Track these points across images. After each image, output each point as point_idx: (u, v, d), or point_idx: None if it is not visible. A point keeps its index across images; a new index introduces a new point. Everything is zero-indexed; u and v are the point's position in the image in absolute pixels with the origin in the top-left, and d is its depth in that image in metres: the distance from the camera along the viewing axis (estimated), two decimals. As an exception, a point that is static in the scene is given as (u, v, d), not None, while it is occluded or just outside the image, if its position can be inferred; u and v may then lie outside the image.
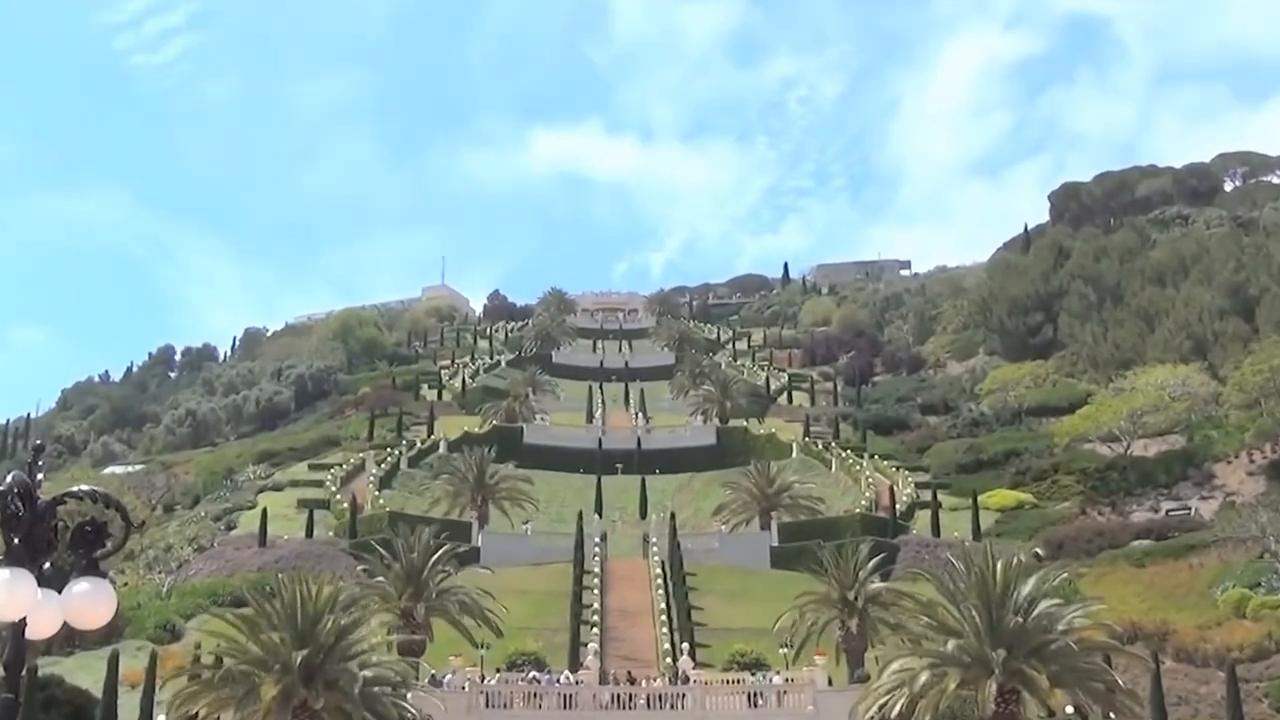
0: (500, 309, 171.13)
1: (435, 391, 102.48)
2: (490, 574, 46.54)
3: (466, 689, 35.86)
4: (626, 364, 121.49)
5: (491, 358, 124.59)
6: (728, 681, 38.66)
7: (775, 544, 58.34)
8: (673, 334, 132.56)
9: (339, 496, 65.72)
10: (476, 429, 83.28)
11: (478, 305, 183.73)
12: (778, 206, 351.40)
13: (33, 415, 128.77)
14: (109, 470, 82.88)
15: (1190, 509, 59.21)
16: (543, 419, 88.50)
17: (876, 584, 40.06)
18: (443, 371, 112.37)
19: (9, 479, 7.11)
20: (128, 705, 33.57)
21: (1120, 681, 26.96)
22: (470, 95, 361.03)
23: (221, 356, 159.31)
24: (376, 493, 66.47)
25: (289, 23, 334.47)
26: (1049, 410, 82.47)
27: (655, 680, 38.63)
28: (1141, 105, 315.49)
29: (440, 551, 41.02)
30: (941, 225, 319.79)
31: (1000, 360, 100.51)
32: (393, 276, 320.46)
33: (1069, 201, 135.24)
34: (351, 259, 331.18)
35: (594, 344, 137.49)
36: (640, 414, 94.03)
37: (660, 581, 51.68)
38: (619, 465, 79.91)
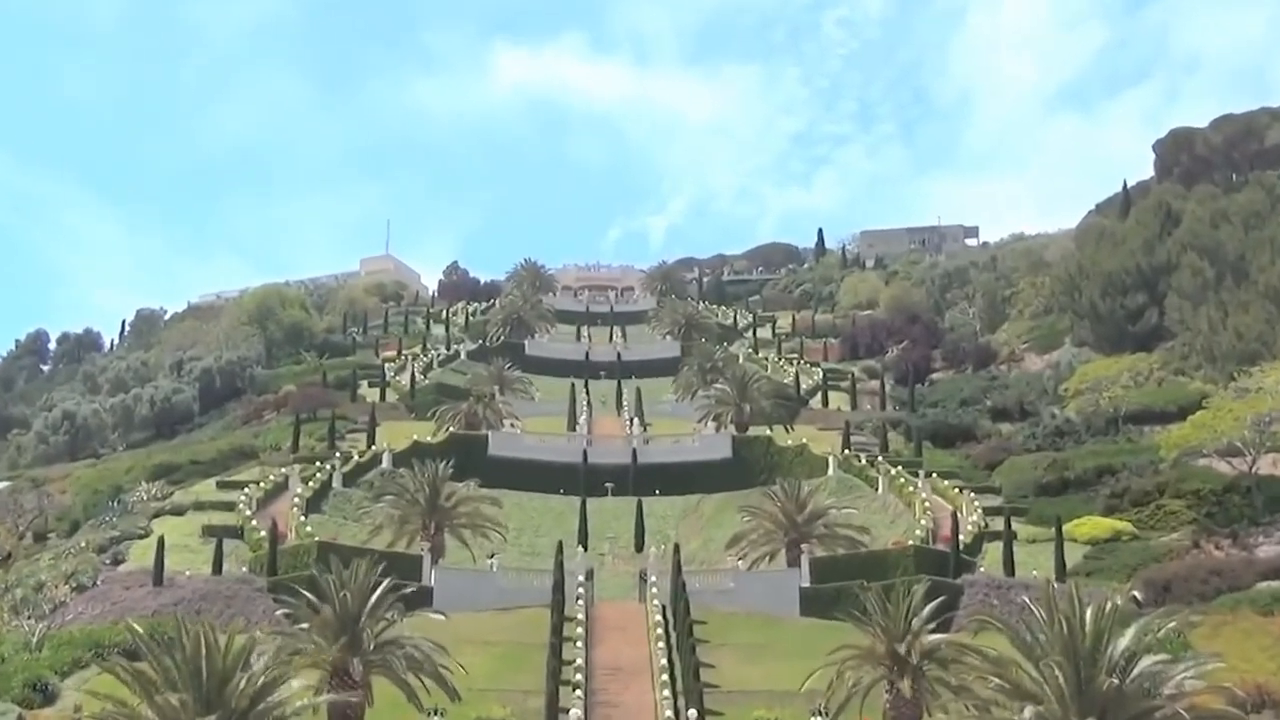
0: (459, 286, 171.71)
1: (377, 390, 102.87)
2: (445, 620, 46.56)
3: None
4: (619, 356, 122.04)
5: (448, 348, 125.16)
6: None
7: (806, 585, 58.37)
8: (677, 318, 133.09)
9: (255, 523, 65.71)
10: (429, 438, 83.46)
11: (431, 281, 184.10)
12: (810, 157, 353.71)
13: None
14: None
15: (1332, 542, 59.40)
16: (513, 425, 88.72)
17: (934, 636, 40.04)
18: (387, 365, 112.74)
19: None
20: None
21: (1243, 760, 27.05)
22: (416, 5, 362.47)
23: (107, 345, 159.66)
24: (302, 518, 66.46)
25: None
26: (1153, 417, 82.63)
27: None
28: (1278, 17, 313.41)
29: (382, 592, 40.99)
30: (1017, 180, 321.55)
31: (1091, 353, 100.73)
32: (323, 245, 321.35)
33: (1179, 152, 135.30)
34: (270, 223, 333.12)
35: (578, 331, 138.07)
36: (636, 419, 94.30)
37: (661, 632, 51.71)
38: (609, 484, 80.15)
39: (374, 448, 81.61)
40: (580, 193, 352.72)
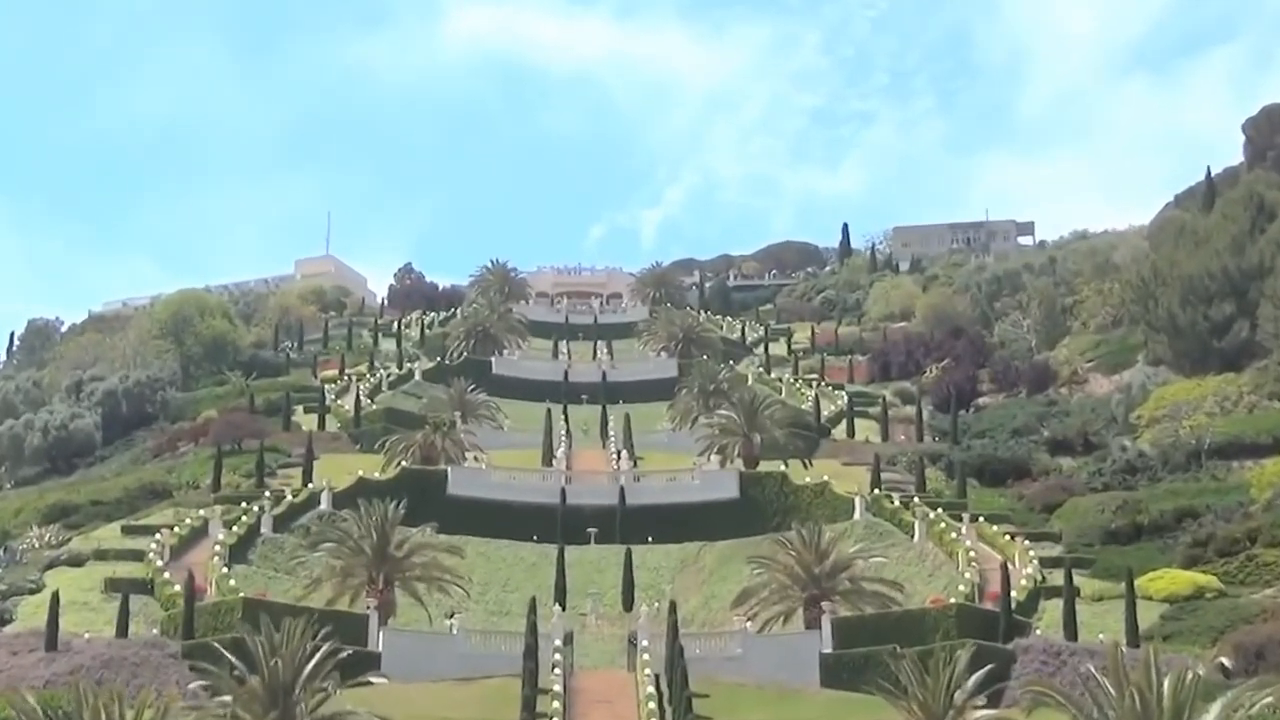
0: (414, 293, 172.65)
1: (315, 417, 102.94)
2: (394, 689, 46.49)
3: None
4: (604, 376, 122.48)
5: (400, 366, 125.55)
6: None
7: (828, 650, 58.33)
8: (674, 331, 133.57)
9: (168, 576, 65.58)
10: (377, 474, 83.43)
11: (380, 287, 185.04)
12: (833, 138, 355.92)
13: None
14: None
15: None
16: (478, 459, 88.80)
17: (981, 712, 40.11)
18: (327, 387, 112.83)
19: None
20: None
21: None
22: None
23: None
24: (225, 570, 66.35)
25: None
26: (1243, 449, 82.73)
27: None
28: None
29: (320, 658, 40.92)
30: (1079, 163, 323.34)
31: (1169, 374, 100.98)
32: (251, 244, 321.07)
33: (1274, 132, 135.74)
34: (188, 217, 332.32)
35: (555, 346, 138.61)
36: (624, 452, 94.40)
37: (654, 706, 51.62)
38: (592, 530, 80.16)
39: (311, 486, 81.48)
40: (557, 179, 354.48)
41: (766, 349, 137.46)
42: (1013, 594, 60.99)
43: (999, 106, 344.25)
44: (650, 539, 79.01)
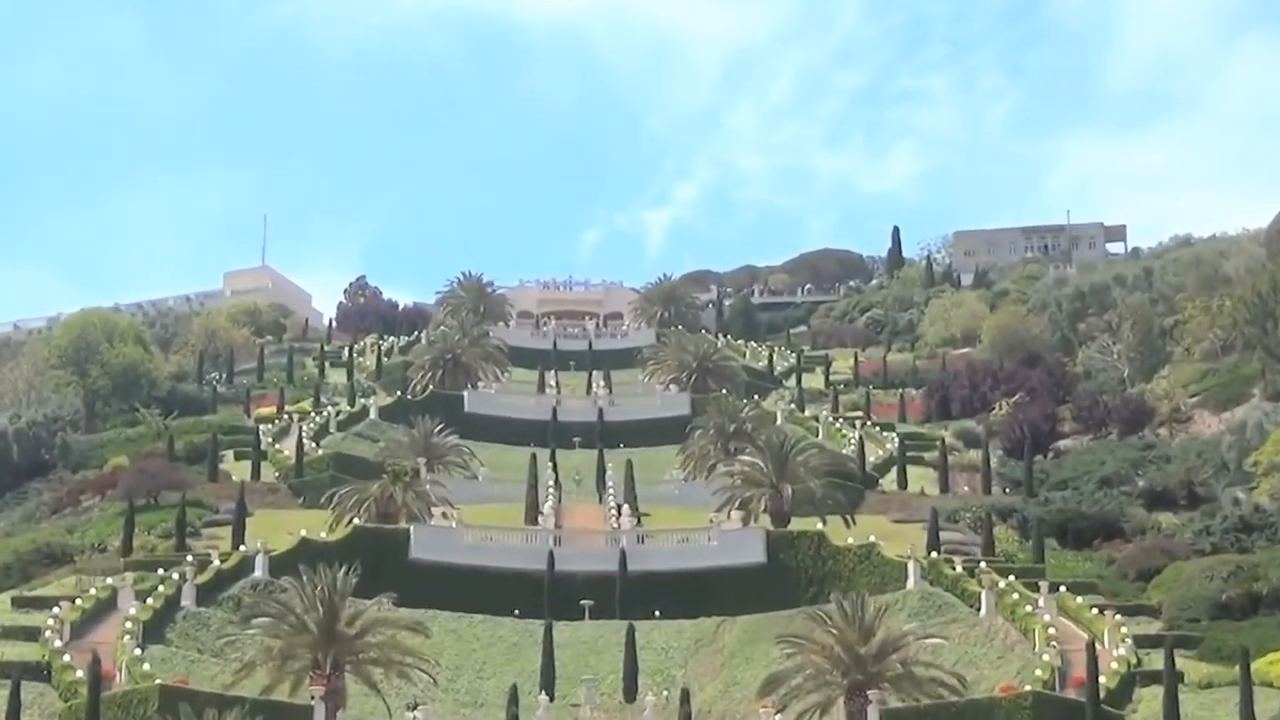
0: (368, 312, 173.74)
1: (248, 465, 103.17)
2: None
3: None
4: (601, 414, 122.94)
5: (352, 402, 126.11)
6: None
7: (876, 749, 58.30)
8: (686, 360, 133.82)
9: (68, 659, 65.50)
10: (324, 534, 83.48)
11: (327, 305, 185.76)
12: (880, 123, 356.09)
13: None
14: None
15: None
16: (447, 516, 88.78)
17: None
18: (263, 428, 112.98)
19: None
20: None
21: None
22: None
23: None
24: (138, 651, 66.26)
25: None
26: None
27: None
28: None
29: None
30: (1181, 149, 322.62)
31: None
32: (170, 253, 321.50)
33: None
34: (92, 222, 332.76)
35: (541, 378, 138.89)
36: (626, 507, 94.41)
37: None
38: (586, 602, 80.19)
39: (243, 549, 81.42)
40: (542, 172, 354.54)
41: (799, 381, 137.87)
42: (1101, 680, 60.89)
43: (1081, 80, 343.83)
44: (658, 613, 79.02)
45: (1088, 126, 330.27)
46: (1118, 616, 71.03)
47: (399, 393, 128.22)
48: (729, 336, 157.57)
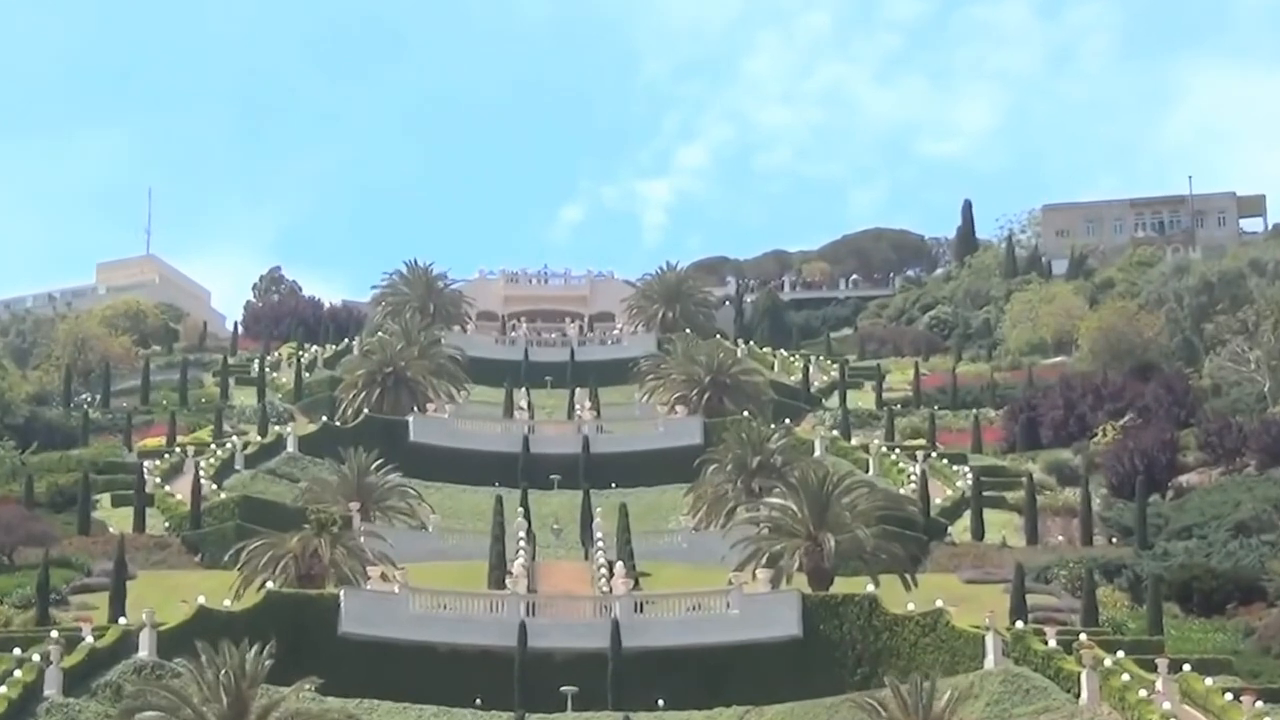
0: (284, 314, 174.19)
1: (131, 512, 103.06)
2: None
3: None
4: (587, 444, 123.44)
5: (264, 431, 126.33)
6: None
7: None
8: (696, 372, 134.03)
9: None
10: (229, 602, 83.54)
11: (231, 304, 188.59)
12: (943, 65, 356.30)
13: None
14: None
15: None
16: (388, 578, 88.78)
17: None
18: (149, 465, 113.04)
19: None
20: None
21: None
22: None
23: None
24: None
25: None
26: None
27: None
28: None
29: None
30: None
31: None
32: (28, 239, 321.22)
33: None
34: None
35: (509, 397, 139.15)
36: (619, 565, 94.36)
37: None
38: (569, 688, 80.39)
39: (123, 622, 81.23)
40: (504, 129, 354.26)
41: (843, 400, 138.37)
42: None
43: (1210, 13, 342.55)
44: (661, 702, 79.23)
45: (1214, 62, 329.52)
46: (1259, 703, 70.88)
47: (324, 418, 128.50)
48: (751, 343, 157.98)
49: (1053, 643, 78.59)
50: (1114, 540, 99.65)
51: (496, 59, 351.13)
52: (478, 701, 79.05)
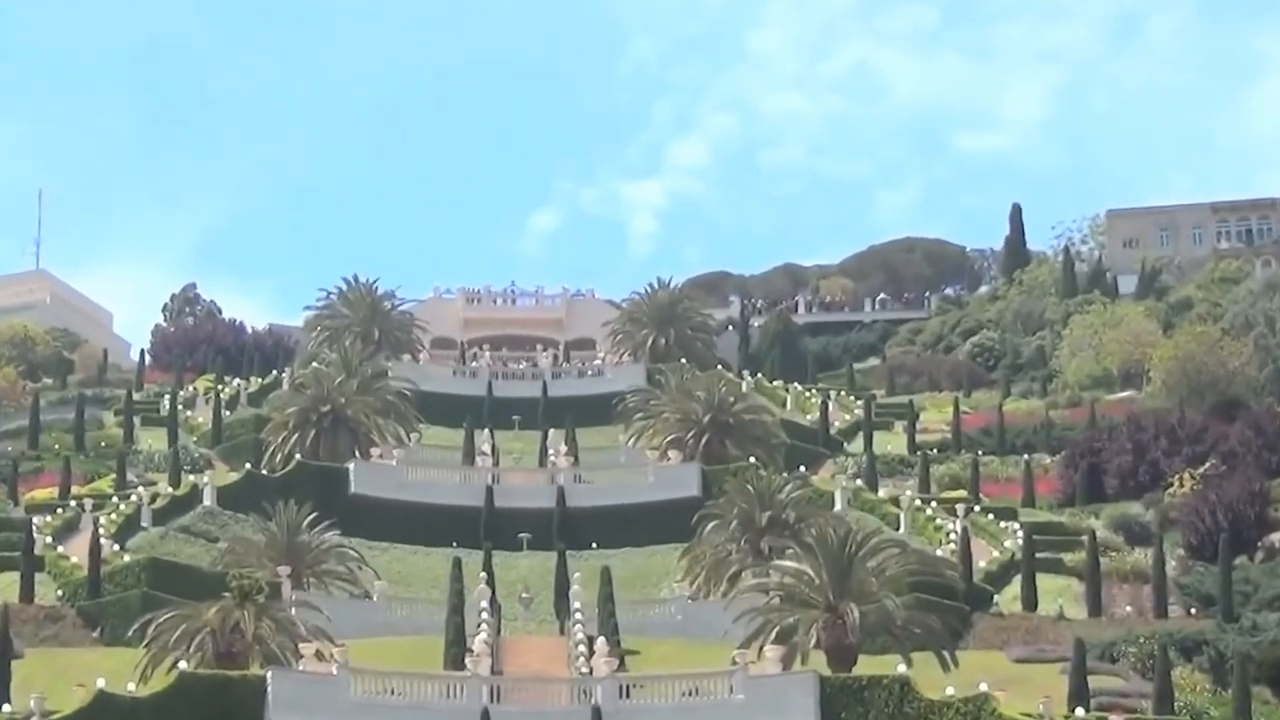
0: (200, 340, 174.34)
1: (17, 578, 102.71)
2: None
3: None
4: (562, 497, 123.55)
5: (177, 481, 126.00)
6: None
7: None
8: (692, 411, 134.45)
9: None
10: (133, 686, 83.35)
11: (137, 328, 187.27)
12: (985, 41, 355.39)
13: None
14: None
15: None
16: (326, 656, 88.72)
17: None
18: (38, 521, 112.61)
19: None
20: None
21: None
22: None
23: None
24: None
25: None
26: None
27: None
28: None
29: None
30: None
31: None
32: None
33: None
34: None
35: (470, 440, 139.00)
36: (601, 641, 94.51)
37: None
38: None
39: (8, 709, 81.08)
40: (467, 124, 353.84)
41: (869, 443, 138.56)
42: None
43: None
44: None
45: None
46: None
47: (248, 465, 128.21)
48: (759, 375, 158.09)
49: (1121, 738, 79.21)
50: (1193, 611, 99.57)
51: (454, 37, 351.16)
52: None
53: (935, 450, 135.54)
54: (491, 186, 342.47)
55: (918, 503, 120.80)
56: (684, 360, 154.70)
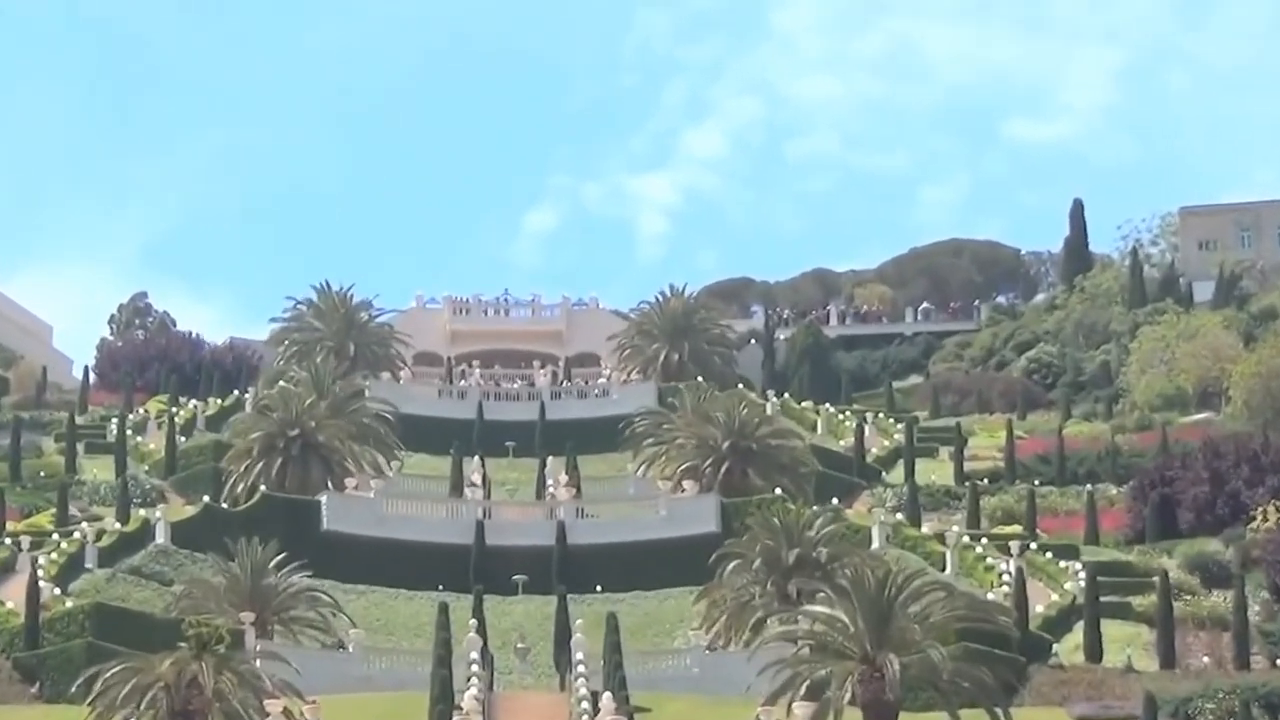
0: (151, 357, 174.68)
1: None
2: None
3: None
4: (562, 534, 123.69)
5: (125, 517, 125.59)
6: None
7: None
8: (710, 437, 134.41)
9: None
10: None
11: (80, 343, 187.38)
12: (1040, 18, 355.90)
13: None
14: None
15: None
16: (297, 715, 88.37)
17: None
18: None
19: None
20: None
21: None
22: None
23: None
24: None
25: None
26: None
27: None
28: None
29: None
30: None
31: None
32: None
33: None
34: None
35: (458, 469, 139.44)
36: (607, 697, 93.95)
37: None
38: None
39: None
40: (452, 109, 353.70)
41: (911, 472, 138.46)
42: None
43: None
44: None
45: None
46: None
47: (206, 498, 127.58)
48: (786, 395, 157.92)
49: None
50: (1278, 662, 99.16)
51: (437, 9, 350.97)
52: None
53: (985, 480, 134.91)
54: (481, 181, 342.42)
55: (966, 540, 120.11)
56: (700, 378, 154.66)
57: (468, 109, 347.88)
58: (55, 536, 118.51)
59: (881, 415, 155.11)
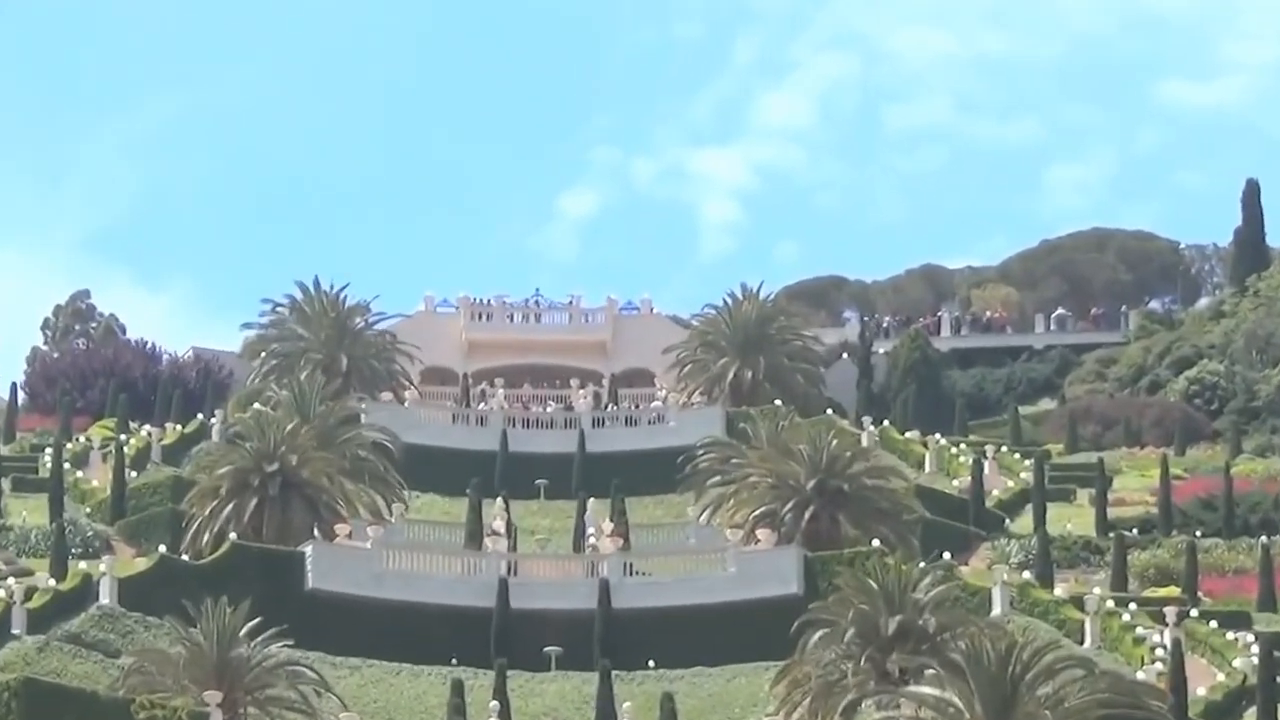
0: (94, 372, 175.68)
1: None
2: None
3: None
4: (606, 595, 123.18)
5: (63, 572, 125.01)
6: None
7: None
8: (790, 474, 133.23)
9: None
10: None
11: (7, 357, 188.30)
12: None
13: None
14: None
15: None
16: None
17: None
18: None
19: None
20: None
21: None
22: None
23: None
24: None
25: None
26: None
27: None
28: None
29: None
30: None
31: None
32: None
33: None
34: None
35: (476, 513, 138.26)
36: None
37: None
38: None
39: None
40: (470, 69, 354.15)
41: (1042, 519, 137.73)
42: None
43: None
44: None
45: None
46: None
47: (163, 548, 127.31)
48: (886, 422, 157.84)
49: None
50: None
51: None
52: None
53: (1134, 530, 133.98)
54: (506, 156, 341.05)
55: (1110, 605, 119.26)
56: (779, 402, 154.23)
57: (492, 67, 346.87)
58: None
59: (1005, 449, 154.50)
